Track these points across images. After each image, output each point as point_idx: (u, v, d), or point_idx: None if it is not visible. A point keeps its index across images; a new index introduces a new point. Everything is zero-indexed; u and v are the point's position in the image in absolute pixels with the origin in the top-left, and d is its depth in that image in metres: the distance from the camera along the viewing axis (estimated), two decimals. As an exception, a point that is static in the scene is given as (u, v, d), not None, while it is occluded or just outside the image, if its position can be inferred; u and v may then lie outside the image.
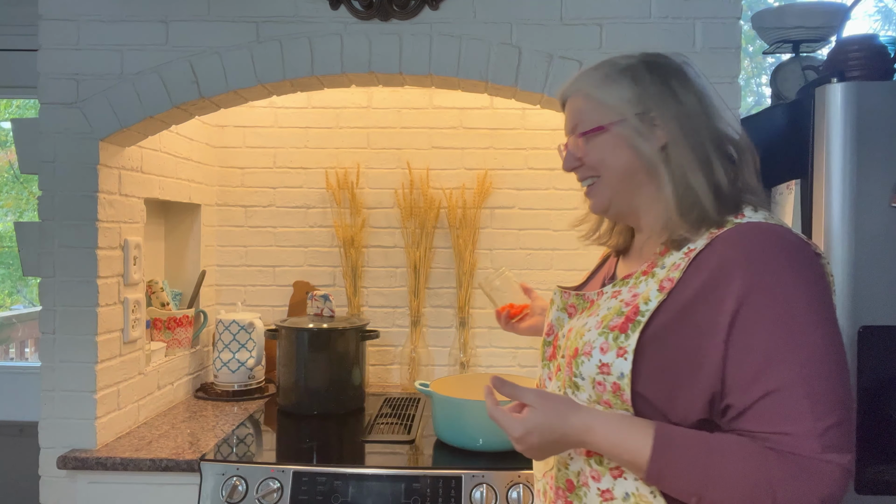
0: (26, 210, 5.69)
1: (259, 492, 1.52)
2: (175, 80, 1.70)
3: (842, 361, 0.88)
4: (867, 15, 7.25)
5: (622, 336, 0.94)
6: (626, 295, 0.98)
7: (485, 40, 1.68)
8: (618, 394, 0.93)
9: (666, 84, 1.00)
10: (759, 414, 0.86)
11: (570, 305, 1.11)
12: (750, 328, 0.87)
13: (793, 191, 1.66)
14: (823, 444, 0.84)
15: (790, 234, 0.92)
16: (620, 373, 0.92)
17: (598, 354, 0.95)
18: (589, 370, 0.96)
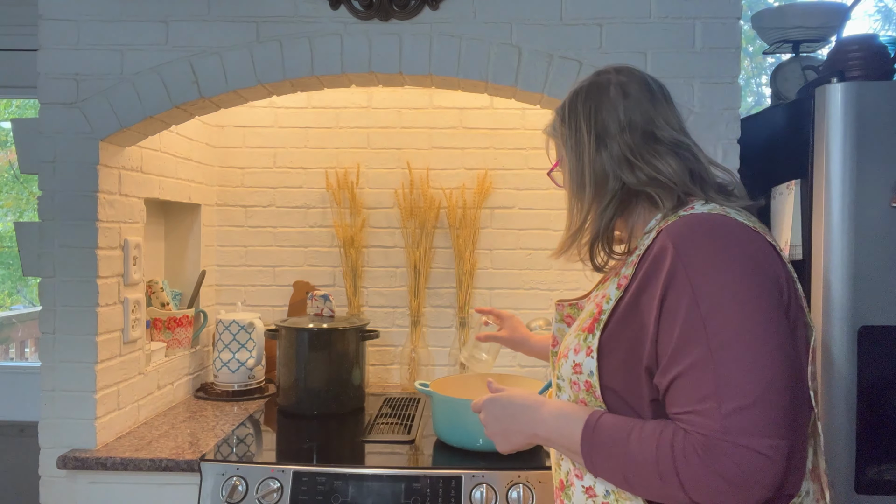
0: (26, 210, 5.69)
1: (259, 492, 1.52)
2: (175, 80, 1.70)
3: (762, 346, 0.86)
4: (867, 15, 7.25)
5: (590, 336, 1.00)
6: (599, 297, 1.05)
7: (485, 40, 1.68)
8: (591, 391, 0.99)
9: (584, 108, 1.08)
10: (673, 394, 0.90)
11: (566, 316, 1.19)
12: (671, 311, 0.90)
13: (793, 191, 1.66)
14: (726, 425, 0.84)
15: (725, 220, 0.94)
16: (589, 370, 0.99)
17: (572, 356, 1.03)
18: (566, 371, 1.03)
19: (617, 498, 0.97)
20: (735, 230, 0.93)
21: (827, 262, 1.55)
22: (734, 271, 0.89)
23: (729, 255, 0.90)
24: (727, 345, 0.87)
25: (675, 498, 0.89)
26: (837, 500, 1.53)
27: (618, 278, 1.02)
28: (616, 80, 1.08)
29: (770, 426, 0.84)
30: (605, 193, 1.04)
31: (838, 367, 1.54)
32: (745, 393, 0.85)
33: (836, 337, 1.54)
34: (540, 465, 1.55)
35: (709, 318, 0.88)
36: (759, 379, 0.85)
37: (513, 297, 2.36)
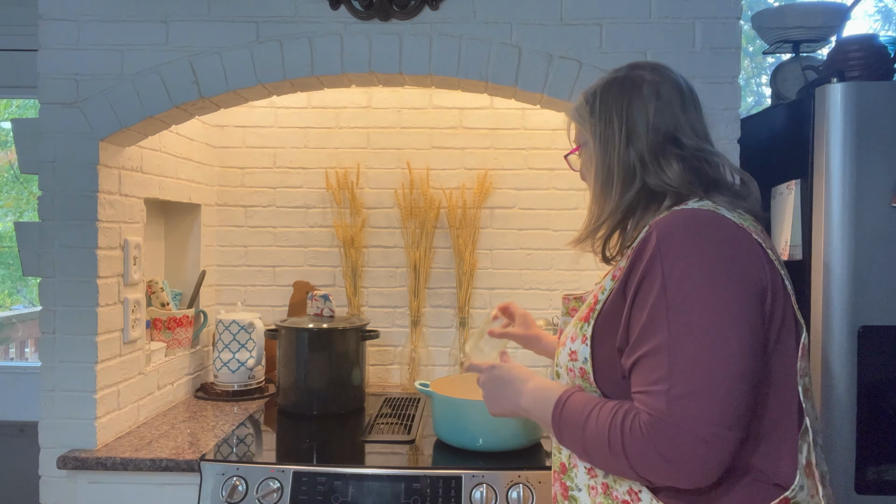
0: (26, 210, 5.69)
1: (259, 492, 1.52)
2: (175, 80, 1.70)
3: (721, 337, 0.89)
4: (867, 15, 7.25)
5: (585, 325, 1.05)
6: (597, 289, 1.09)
7: (485, 40, 1.68)
8: (585, 377, 1.04)
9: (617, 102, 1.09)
10: (634, 375, 0.95)
11: (571, 309, 1.25)
12: (643, 296, 0.94)
13: (793, 191, 1.66)
14: (672, 408, 0.88)
15: (710, 214, 0.96)
16: (584, 357, 1.04)
17: (569, 343, 1.08)
18: (563, 358, 1.09)
19: (615, 478, 1.00)
20: (717, 224, 0.95)
21: (827, 262, 1.55)
22: (705, 262, 0.92)
23: (703, 247, 0.93)
24: (686, 332, 0.90)
25: (624, 472, 0.95)
26: (837, 501, 1.53)
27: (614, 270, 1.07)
28: (650, 79, 1.09)
29: (715, 415, 0.87)
30: (629, 189, 1.06)
31: (838, 367, 1.53)
32: (695, 380, 0.88)
33: (836, 337, 1.54)
34: (540, 465, 1.55)
35: (673, 305, 0.91)
36: (712, 368, 0.88)
37: (513, 297, 2.36)
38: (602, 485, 1.02)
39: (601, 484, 1.02)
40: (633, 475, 0.94)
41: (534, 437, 1.67)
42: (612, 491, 1.01)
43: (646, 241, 0.97)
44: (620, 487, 0.99)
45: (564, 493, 1.09)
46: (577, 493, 1.06)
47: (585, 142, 1.13)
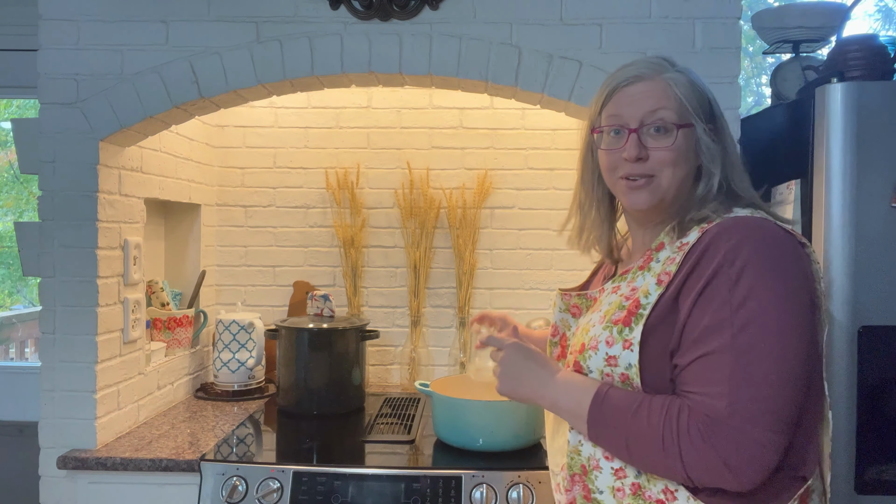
0: (26, 210, 5.69)
1: (259, 492, 1.52)
2: (175, 80, 1.70)
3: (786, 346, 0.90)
4: (867, 15, 7.26)
5: (626, 329, 1.00)
6: (626, 290, 1.05)
7: (485, 40, 1.68)
8: (626, 383, 1.00)
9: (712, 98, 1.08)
10: (688, 375, 0.94)
11: (573, 306, 1.18)
12: (707, 300, 0.93)
13: (793, 191, 1.66)
14: (732, 409, 0.89)
15: (767, 224, 0.97)
16: (628, 363, 0.99)
17: (604, 348, 1.02)
18: (597, 363, 1.03)
19: (649, 478, 0.98)
20: (776, 235, 0.96)
21: (827, 262, 1.55)
22: (770, 273, 0.92)
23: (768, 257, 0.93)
24: (751, 338, 0.90)
25: (672, 470, 0.93)
26: (837, 501, 1.53)
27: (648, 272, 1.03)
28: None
29: (774, 420, 0.89)
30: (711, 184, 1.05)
31: (838, 367, 1.54)
32: (758, 386, 0.89)
33: (836, 337, 1.54)
34: (540, 466, 1.55)
35: (740, 311, 0.91)
36: (775, 376, 0.89)
37: (513, 297, 2.36)
38: (632, 486, 0.99)
39: (630, 485, 1.00)
40: (681, 474, 0.93)
41: (534, 437, 1.67)
42: (644, 491, 0.98)
43: (709, 250, 0.96)
44: (654, 487, 0.97)
45: (587, 495, 1.04)
46: (599, 497, 1.02)
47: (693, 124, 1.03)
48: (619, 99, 1.05)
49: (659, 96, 1.03)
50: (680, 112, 1.02)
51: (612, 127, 1.06)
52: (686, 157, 1.03)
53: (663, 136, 1.02)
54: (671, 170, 1.03)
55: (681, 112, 1.02)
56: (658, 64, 1.06)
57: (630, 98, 1.04)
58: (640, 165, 1.03)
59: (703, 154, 1.04)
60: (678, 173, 1.03)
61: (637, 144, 1.03)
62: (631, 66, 1.07)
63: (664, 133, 1.02)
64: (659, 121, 1.02)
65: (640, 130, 1.03)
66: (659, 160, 1.03)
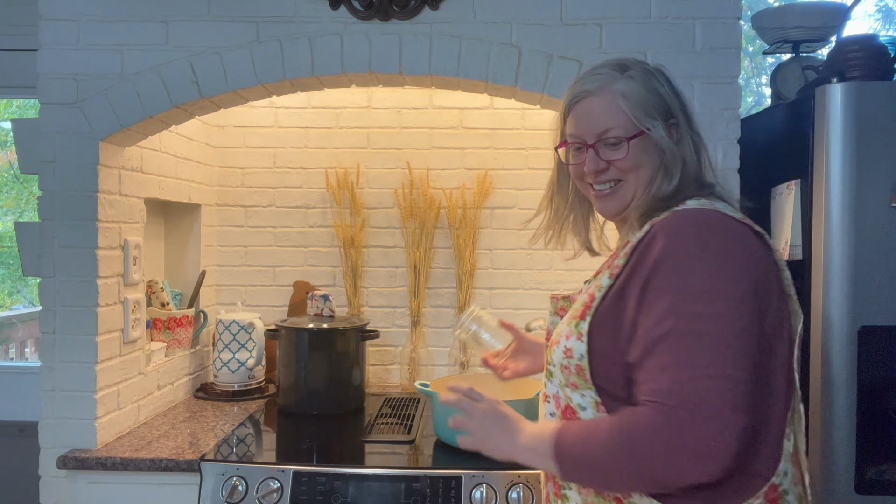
0: (26, 210, 5.69)
1: (259, 492, 1.52)
2: (175, 80, 1.70)
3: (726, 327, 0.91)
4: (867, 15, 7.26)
5: (581, 322, 1.05)
6: (592, 288, 1.08)
7: (485, 40, 1.68)
8: (581, 374, 1.03)
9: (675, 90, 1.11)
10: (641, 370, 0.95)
11: (560, 309, 1.20)
12: (652, 295, 0.96)
13: (793, 191, 1.66)
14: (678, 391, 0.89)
15: (713, 213, 0.99)
16: (580, 354, 1.03)
17: (563, 341, 1.07)
18: (557, 356, 1.08)
19: None
20: (721, 222, 0.98)
21: (827, 262, 1.55)
22: (709, 258, 0.94)
23: (707, 244, 0.96)
24: (693, 322, 0.91)
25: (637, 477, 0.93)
26: (837, 501, 1.53)
27: (610, 269, 1.06)
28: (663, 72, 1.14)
29: (723, 399, 0.88)
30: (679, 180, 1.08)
31: (838, 367, 1.53)
32: (702, 365, 0.89)
33: (836, 337, 1.54)
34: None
35: (680, 298, 0.93)
36: (718, 355, 0.89)
37: (513, 297, 2.36)
38: None
39: None
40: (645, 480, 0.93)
41: (534, 437, 1.66)
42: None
43: (651, 243, 0.99)
44: None
45: (557, 491, 1.09)
46: (568, 492, 1.07)
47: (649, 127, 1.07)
48: (574, 116, 1.12)
49: (607, 113, 1.08)
50: (627, 125, 1.07)
51: (572, 144, 1.14)
52: (648, 159, 1.08)
53: (617, 149, 1.08)
54: (634, 174, 1.09)
55: (628, 125, 1.07)
56: (607, 75, 1.09)
57: (583, 115, 1.11)
58: (603, 174, 1.10)
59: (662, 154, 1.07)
60: (642, 176, 1.08)
61: (595, 159, 1.10)
62: (583, 79, 1.12)
63: (617, 146, 1.08)
64: (611, 137, 1.08)
65: (597, 145, 1.09)
66: (619, 168, 1.09)
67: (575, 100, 1.12)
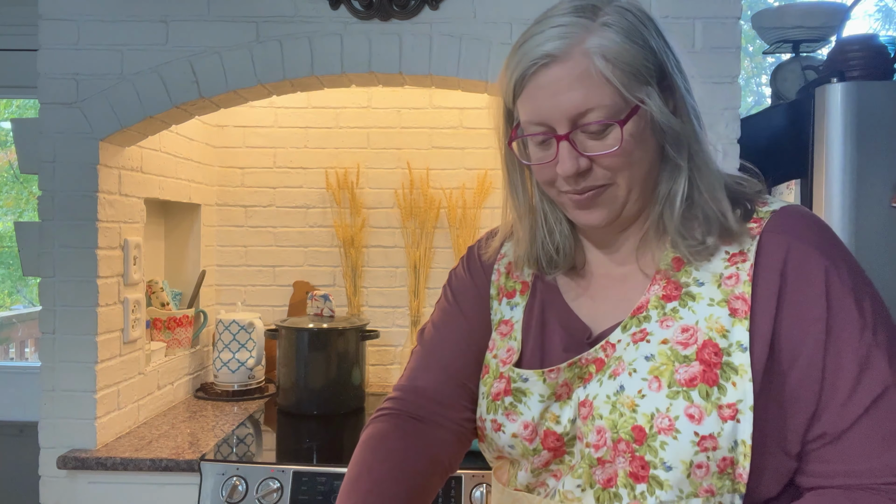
0: (26, 210, 5.69)
1: (259, 492, 1.52)
2: (175, 80, 1.70)
3: None
4: (867, 15, 7.26)
5: (715, 390, 0.68)
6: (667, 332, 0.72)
7: (485, 40, 1.68)
8: (727, 472, 0.67)
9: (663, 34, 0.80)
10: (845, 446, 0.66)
11: (560, 386, 0.78)
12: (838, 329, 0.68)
13: (793, 191, 1.66)
14: None
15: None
16: (732, 441, 0.67)
17: (688, 426, 0.67)
18: (680, 452, 0.67)
19: None
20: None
21: (827, 262, 1.55)
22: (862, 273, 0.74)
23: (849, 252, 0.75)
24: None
25: None
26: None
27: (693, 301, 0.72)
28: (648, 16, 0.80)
29: None
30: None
31: (838, 367, 1.53)
32: None
33: (836, 337, 1.54)
34: (540, 465, 1.55)
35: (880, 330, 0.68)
36: None
37: (513, 297, 2.36)
38: None
39: None
40: None
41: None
42: None
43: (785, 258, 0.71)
44: None
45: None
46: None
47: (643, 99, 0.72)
48: (532, 93, 0.74)
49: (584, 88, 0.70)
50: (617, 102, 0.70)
51: (533, 135, 0.76)
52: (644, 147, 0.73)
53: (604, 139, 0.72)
54: (627, 172, 0.73)
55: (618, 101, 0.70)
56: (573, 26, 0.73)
57: (546, 92, 0.72)
58: (583, 178, 0.74)
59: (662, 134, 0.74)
60: (637, 173, 0.74)
61: (572, 155, 0.72)
62: (536, 35, 0.76)
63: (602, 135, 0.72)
64: (592, 123, 0.71)
65: (572, 135, 0.72)
66: (607, 167, 0.73)
67: (530, 70, 0.74)
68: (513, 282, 0.89)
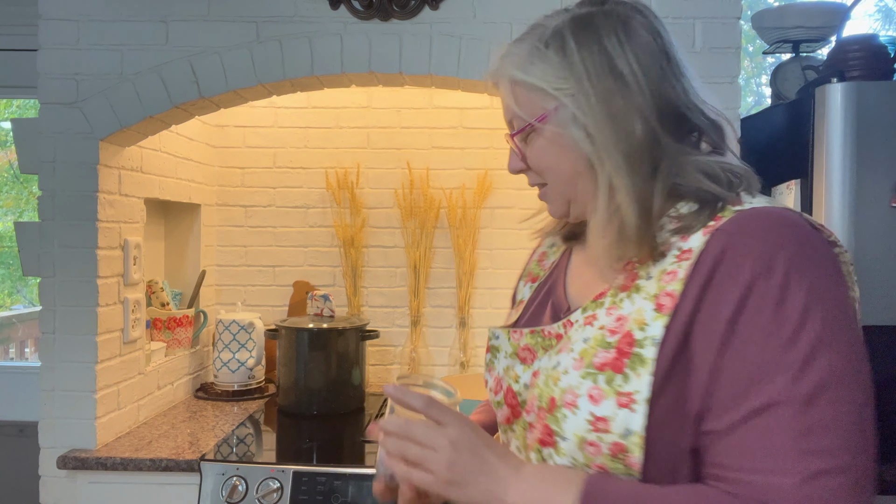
0: (26, 210, 5.69)
1: (259, 492, 1.52)
2: (175, 80, 1.70)
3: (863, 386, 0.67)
4: (867, 15, 7.26)
5: (619, 377, 0.71)
6: (607, 320, 0.75)
7: (485, 40, 1.68)
8: (619, 457, 0.70)
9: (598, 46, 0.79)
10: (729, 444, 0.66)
11: (523, 349, 0.85)
12: (747, 334, 0.67)
13: (793, 191, 1.66)
14: (807, 494, 0.62)
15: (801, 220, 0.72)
16: (625, 428, 0.69)
17: (587, 405, 0.72)
18: (576, 427, 0.72)
19: None
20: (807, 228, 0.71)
21: (827, 262, 1.55)
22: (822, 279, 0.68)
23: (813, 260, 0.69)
24: (819, 378, 0.64)
25: None
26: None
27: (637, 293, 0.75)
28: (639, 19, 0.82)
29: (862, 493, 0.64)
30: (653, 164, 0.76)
31: (838, 367, 1.53)
32: (840, 449, 0.63)
33: (836, 337, 1.54)
34: (540, 465, 1.55)
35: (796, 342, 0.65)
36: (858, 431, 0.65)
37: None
38: None
39: None
40: None
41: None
42: None
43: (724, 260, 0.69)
44: None
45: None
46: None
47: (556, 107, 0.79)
48: None
49: (506, 101, 0.87)
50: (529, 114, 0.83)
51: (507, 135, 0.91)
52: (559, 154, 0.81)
53: (529, 145, 0.85)
54: (550, 176, 0.85)
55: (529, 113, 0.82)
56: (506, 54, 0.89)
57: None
58: (529, 176, 0.90)
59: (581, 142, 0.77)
60: (558, 177, 0.83)
61: (513, 155, 0.88)
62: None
63: (527, 141, 0.85)
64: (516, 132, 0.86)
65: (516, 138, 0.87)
66: (535, 170, 0.87)
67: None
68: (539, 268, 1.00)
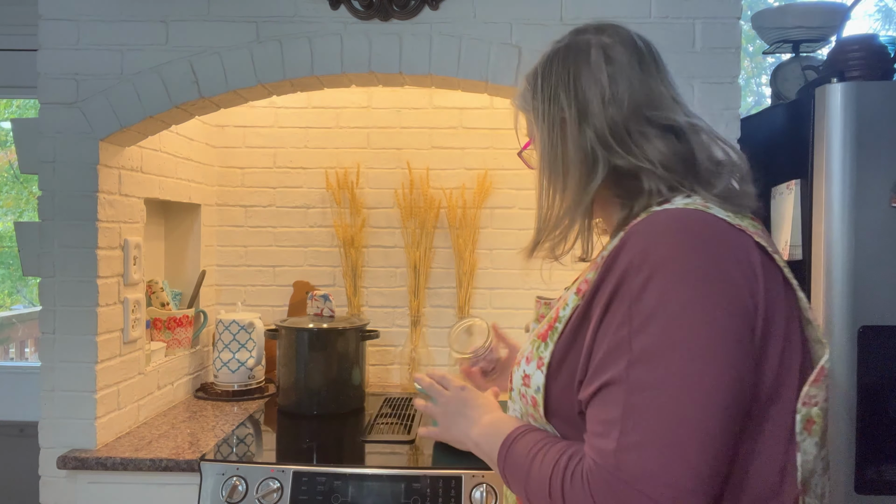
0: (26, 210, 5.69)
1: (259, 492, 1.52)
2: (175, 80, 1.70)
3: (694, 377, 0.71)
4: (867, 15, 7.26)
5: (542, 345, 0.87)
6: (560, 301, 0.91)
7: (485, 40, 1.68)
8: (536, 408, 0.88)
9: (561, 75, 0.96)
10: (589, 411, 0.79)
11: (540, 316, 1.03)
12: (611, 318, 0.77)
13: (793, 191, 1.66)
14: (620, 460, 0.71)
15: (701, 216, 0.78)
16: (536, 386, 0.87)
17: (523, 365, 0.90)
18: (517, 381, 0.92)
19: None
20: (707, 228, 0.77)
21: (827, 262, 1.55)
22: (688, 278, 0.74)
23: (687, 259, 0.75)
24: (649, 367, 0.72)
25: None
26: (837, 501, 1.53)
27: (578, 282, 0.89)
28: (598, 42, 0.95)
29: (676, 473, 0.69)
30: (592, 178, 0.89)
31: (838, 367, 1.54)
32: (656, 426, 0.71)
33: (836, 337, 1.54)
34: (540, 465, 1.55)
35: (638, 333, 0.74)
36: (680, 414, 0.70)
37: (513, 297, 2.36)
38: None
39: None
40: None
41: (534, 437, 1.66)
42: None
43: (619, 251, 0.79)
44: None
45: None
46: None
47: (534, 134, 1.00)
48: None
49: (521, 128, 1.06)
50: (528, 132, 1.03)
51: None
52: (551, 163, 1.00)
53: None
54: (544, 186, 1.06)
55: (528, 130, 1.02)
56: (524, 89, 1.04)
57: None
58: None
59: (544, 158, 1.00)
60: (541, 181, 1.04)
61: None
62: None
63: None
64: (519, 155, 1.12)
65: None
66: None
67: None
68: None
